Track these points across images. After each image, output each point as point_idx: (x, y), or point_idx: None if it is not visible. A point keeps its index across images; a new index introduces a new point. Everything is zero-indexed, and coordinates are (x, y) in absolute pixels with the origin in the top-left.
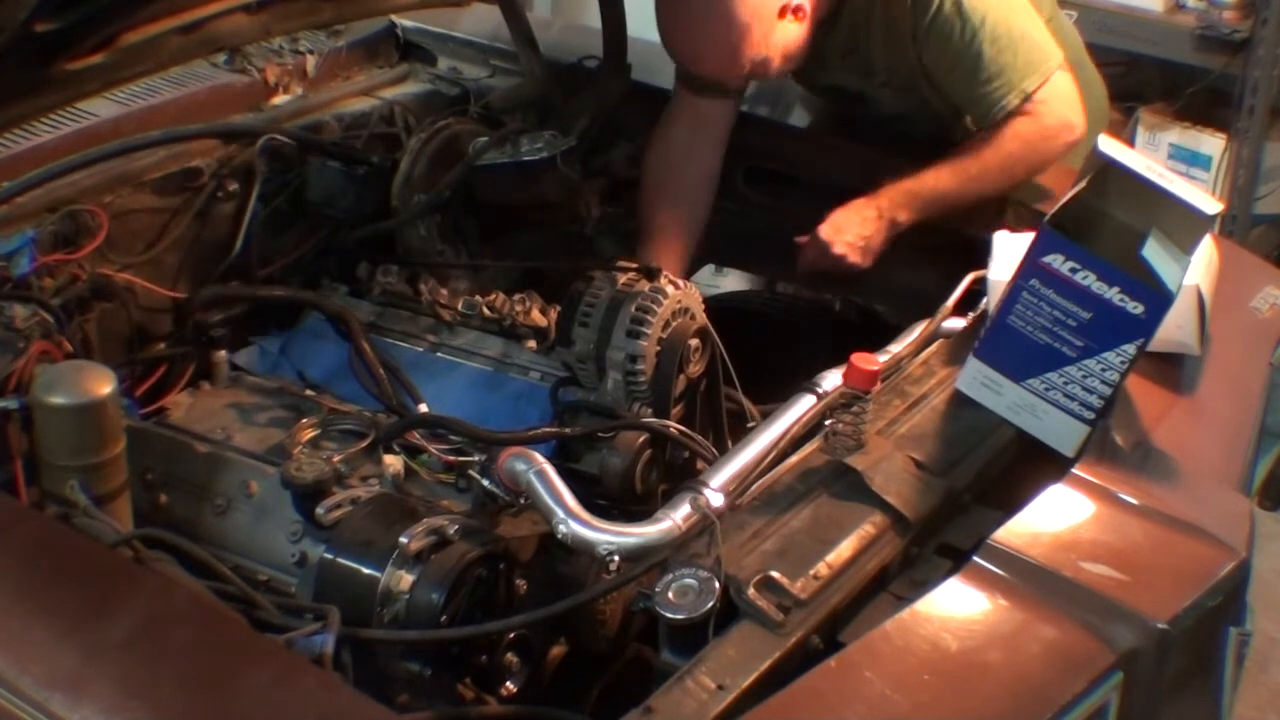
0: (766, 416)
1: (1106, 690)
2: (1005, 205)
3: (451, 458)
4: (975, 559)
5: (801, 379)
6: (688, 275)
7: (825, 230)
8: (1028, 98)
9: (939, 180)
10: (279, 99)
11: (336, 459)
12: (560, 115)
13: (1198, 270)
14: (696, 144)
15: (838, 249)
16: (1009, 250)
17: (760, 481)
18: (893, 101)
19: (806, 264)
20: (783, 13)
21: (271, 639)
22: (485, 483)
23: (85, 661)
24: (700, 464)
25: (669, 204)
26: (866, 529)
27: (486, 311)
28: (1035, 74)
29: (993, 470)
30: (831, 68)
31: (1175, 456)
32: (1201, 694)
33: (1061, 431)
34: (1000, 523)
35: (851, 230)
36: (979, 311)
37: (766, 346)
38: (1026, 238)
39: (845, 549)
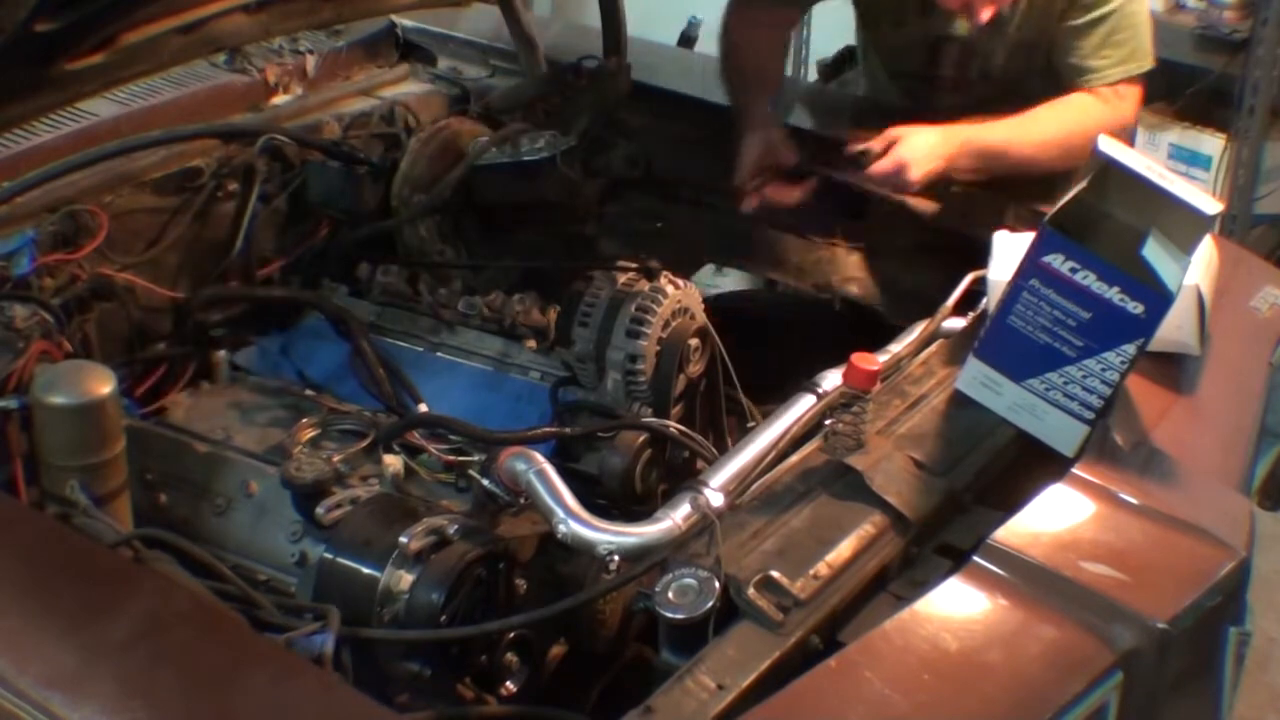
0: (766, 416)
1: (1106, 690)
2: (1005, 205)
3: (451, 458)
4: (975, 559)
5: (801, 379)
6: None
7: (908, 151)
8: (1120, 81)
9: (1007, 139)
10: (279, 99)
11: (336, 459)
12: (560, 115)
13: (1198, 270)
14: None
15: (914, 174)
16: (1009, 250)
17: (760, 481)
18: (1005, 58)
19: (874, 173)
20: None
21: (271, 639)
22: (485, 483)
23: (85, 661)
24: (700, 464)
25: (752, 64)
26: (866, 529)
27: (486, 311)
28: (1137, 62)
29: (993, 470)
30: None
31: (1175, 456)
32: (1201, 694)
33: (1061, 431)
34: (1000, 523)
35: (930, 160)
36: (979, 311)
37: (766, 346)
38: (1026, 238)
39: (845, 549)
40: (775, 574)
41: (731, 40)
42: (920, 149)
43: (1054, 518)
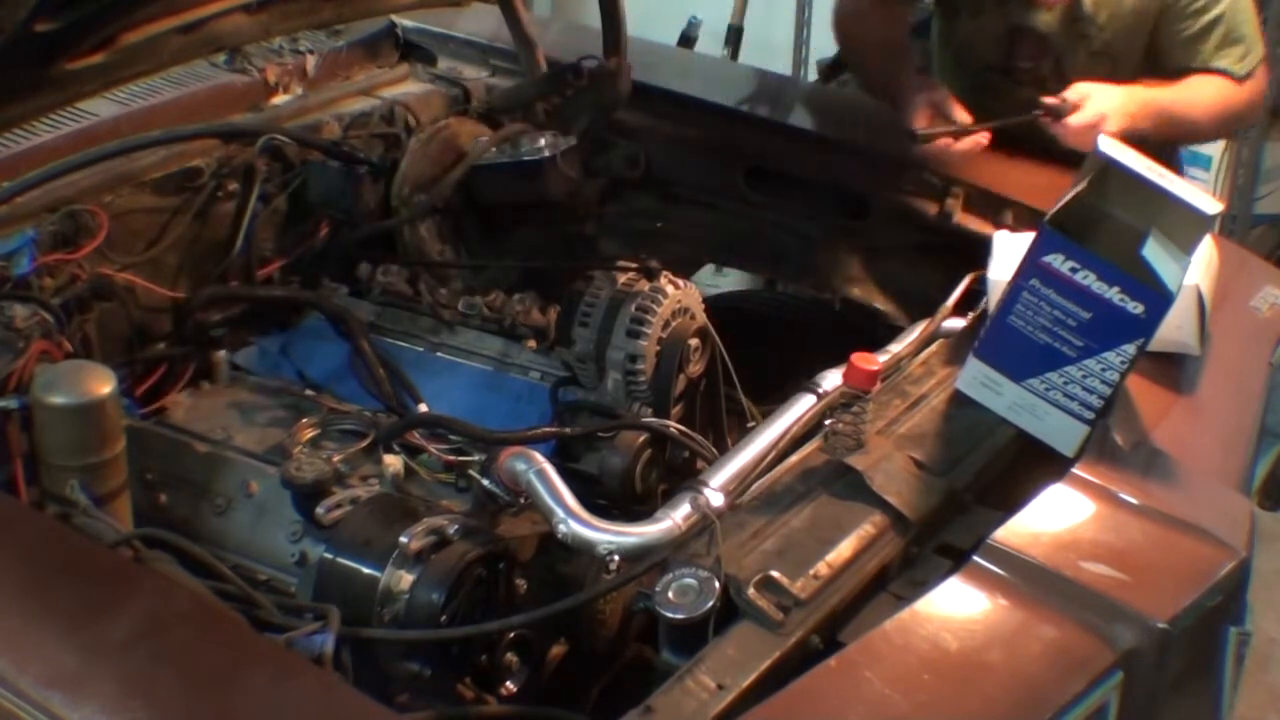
0: (766, 416)
1: (1106, 690)
2: (1005, 205)
3: (451, 458)
4: (975, 559)
5: (801, 379)
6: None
7: (1105, 105)
8: (1249, 74)
9: (1176, 102)
10: (279, 99)
11: (336, 459)
12: (560, 115)
13: (1198, 270)
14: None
15: (1110, 127)
16: (1009, 250)
17: (760, 481)
18: (1085, 61)
19: (1069, 126)
20: None
21: (271, 639)
22: (485, 483)
23: (85, 661)
24: (700, 464)
25: (879, 46)
26: (866, 529)
27: (486, 311)
28: (1254, 54)
29: (993, 470)
30: (1039, 5)
31: (1175, 456)
32: (1201, 694)
33: (1061, 431)
34: (1000, 523)
35: (1121, 116)
36: (979, 311)
37: (766, 346)
38: (1026, 238)
39: (845, 549)
40: (775, 574)
41: (847, 34)
42: (1113, 104)
43: (1054, 518)
